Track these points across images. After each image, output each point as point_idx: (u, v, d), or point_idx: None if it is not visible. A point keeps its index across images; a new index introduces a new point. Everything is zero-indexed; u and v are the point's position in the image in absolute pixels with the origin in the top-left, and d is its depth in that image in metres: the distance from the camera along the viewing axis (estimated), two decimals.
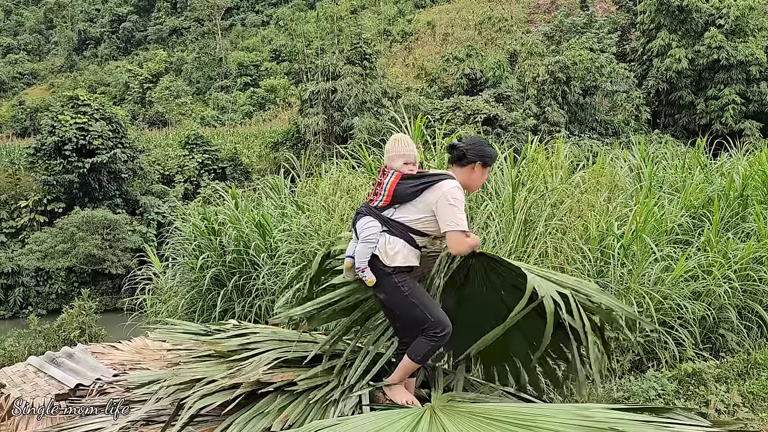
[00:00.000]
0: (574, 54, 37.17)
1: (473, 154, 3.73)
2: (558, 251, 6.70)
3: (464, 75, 39.92)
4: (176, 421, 3.52)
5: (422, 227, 3.67)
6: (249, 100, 51.65)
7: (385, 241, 3.64)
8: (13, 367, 5.00)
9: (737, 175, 9.85)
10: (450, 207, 3.55)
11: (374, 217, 3.71)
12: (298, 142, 36.13)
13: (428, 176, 3.68)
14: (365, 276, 3.65)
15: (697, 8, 36.78)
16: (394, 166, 3.75)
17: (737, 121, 35.82)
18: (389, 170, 3.75)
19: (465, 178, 3.75)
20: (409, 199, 3.65)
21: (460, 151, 3.74)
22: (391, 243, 3.64)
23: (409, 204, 3.66)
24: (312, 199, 8.66)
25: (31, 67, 70.11)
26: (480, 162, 3.74)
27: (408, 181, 3.67)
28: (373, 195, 3.78)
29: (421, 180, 3.66)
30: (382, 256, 3.63)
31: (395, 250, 3.63)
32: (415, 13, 58.16)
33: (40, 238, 29.14)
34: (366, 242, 3.66)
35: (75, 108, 30.99)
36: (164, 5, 73.70)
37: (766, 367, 6.98)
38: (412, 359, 3.64)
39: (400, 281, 3.61)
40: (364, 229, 3.70)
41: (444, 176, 3.67)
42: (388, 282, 3.63)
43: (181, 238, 9.85)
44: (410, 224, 3.66)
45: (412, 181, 3.67)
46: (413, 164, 3.78)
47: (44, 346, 11.73)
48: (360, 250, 3.68)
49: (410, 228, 3.66)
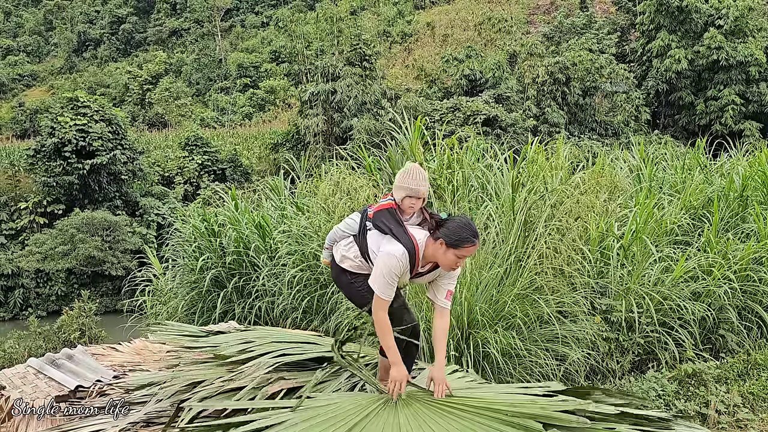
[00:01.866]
0: (573, 55, 37.18)
1: (444, 231, 3.51)
2: (558, 252, 6.70)
3: (464, 76, 39.91)
4: (176, 422, 3.52)
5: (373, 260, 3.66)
6: (249, 102, 51.67)
7: (347, 243, 3.81)
8: (13, 369, 4.99)
9: (737, 175, 9.85)
10: (378, 270, 3.53)
11: (362, 219, 3.80)
12: (297, 143, 36.15)
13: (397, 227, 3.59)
14: (324, 254, 3.96)
15: (697, 9, 36.78)
16: (396, 196, 3.70)
17: (737, 122, 35.81)
18: (390, 194, 3.76)
19: (433, 251, 3.57)
20: (379, 230, 3.68)
21: (435, 223, 3.60)
22: (346, 246, 3.81)
23: (379, 235, 3.67)
24: (312, 200, 8.66)
25: (31, 68, 70.18)
26: (444, 240, 3.50)
27: (387, 216, 3.63)
28: (374, 202, 3.96)
29: (391, 226, 3.60)
30: (335, 252, 3.86)
31: (346, 254, 3.79)
32: (415, 14, 58.18)
33: (40, 239, 29.14)
34: (336, 229, 3.89)
35: (75, 109, 31.00)
36: (164, 7, 73.74)
37: (766, 367, 6.98)
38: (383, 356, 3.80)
39: (352, 278, 3.79)
40: (348, 218, 3.90)
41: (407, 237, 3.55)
42: (343, 278, 3.83)
43: (181, 240, 9.84)
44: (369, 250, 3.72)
45: (387, 220, 3.62)
46: (417, 199, 3.67)
47: (44, 348, 11.74)
48: (330, 234, 3.93)
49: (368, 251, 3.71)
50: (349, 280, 3.79)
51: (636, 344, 7.06)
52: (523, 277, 6.60)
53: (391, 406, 3.38)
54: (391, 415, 3.29)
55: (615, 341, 6.96)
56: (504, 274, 6.74)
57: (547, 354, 6.35)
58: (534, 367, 6.29)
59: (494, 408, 3.24)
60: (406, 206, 3.66)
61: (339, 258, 3.81)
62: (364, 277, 3.70)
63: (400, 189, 3.67)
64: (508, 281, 6.66)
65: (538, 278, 6.59)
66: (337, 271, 3.86)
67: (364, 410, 3.31)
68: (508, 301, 6.38)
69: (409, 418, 3.26)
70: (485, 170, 8.90)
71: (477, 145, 10.13)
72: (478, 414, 3.22)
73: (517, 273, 6.72)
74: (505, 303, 6.38)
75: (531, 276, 6.60)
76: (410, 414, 3.30)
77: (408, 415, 3.29)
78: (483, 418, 3.18)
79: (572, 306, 6.67)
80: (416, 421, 3.23)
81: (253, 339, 4.39)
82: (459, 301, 6.16)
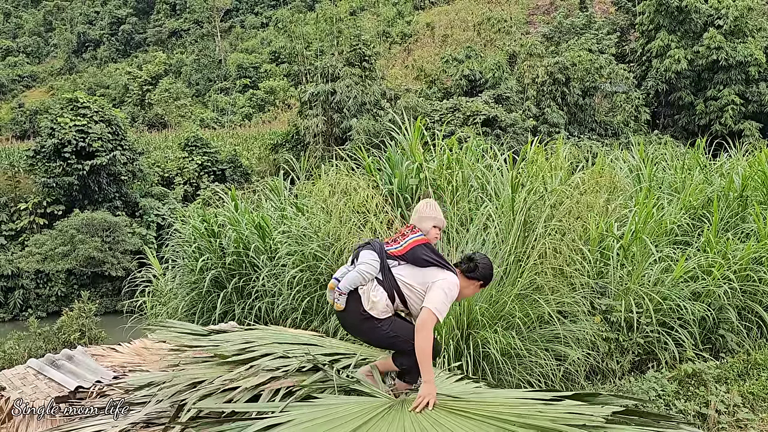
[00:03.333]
0: (573, 55, 37.16)
1: (482, 274, 3.90)
2: (557, 252, 6.70)
3: (463, 76, 39.90)
4: (176, 422, 3.52)
5: (408, 295, 3.80)
6: (248, 102, 51.64)
7: (371, 288, 3.78)
8: (13, 370, 4.99)
9: (737, 175, 9.86)
10: (442, 293, 3.71)
11: (380, 258, 3.81)
12: (297, 143, 36.13)
13: (445, 260, 3.86)
14: (338, 300, 3.79)
15: (696, 9, 36.78)
16: (423, 226, 3.95)
17: (736, 122, 35.80)
18: (417, 230, 3.92)
19: (463, 287, 3.89)
20: (417, 264, 3.81)
21: (474, 265, 3.90)
22: (374, 291, 3.78)
23: (415, 269, 3.81)
24: (311, 200, 8.65)
25: (31, 69, 70.16)
26: (482, 282, 3.95)
27: (427, 250, 3.84)
28: (392, 241, 3.93)
29: (438, 257, 3.83)
30: (363, 300, 3.77)
31: (376, 301, 3.76)
32: (414, 15, 58.17)
33: (40, 240, 29.13)
34: (359, 273, 3.77)
35: (74, 110, 30.98)
36: (163, 7, 73.71)
37: (766, 367, 6.99)
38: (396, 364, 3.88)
39: (378, 323, 3.79)
40: (365, 261, 3.80)
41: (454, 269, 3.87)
42: (367, 325, 3.80)
43: (180, 240, 9.84)
44: (402, 285, 3.79)
45: (431, 252, 3.84)
46: (440, 229, 4.03)
47: (44, 349, 11.74)
48: (351, 277, 3.78)
49: (399, 288, 3.79)
50: (375, 325, 3.79)
51: (636, 344, 7.06)
52: (522, 277, 6.61)
53: (396, 409, 3.37)
54: (396, 418, 3.28)
55: (615, 341, 6.96)
56: (504, 273, 6.75)
57: (547, 354, 6.35)
58: (534, 367, 6.29)
59: (500, 417, 3.22)
60: (433, 236, 3.96)
61: (368, 306, 3.77)
62: (389, 320, 3.78)
63: (428, 219, 3.98)
64: (508, 281, 6.66)
65: (538, 278, 6.59)
66: (359, 319, 3.81)
67: (369, 413, 3.30)
68: (508, 301, 6.38)
69: (413, 421, 3.25)
70: (485, 170, 8.90)
71: (477, 146, 10.13)
72: (483, 422, 3.21)
73: (516, 273, 6.72)
74: (505, 303, 6.38)
75: (531, 276, 6.60)
76: (414, 418, 3.29)
77: (413, 418, 3.28)
78: (489, 426, 3.17)
79: (572, 306, 6.67)
80: (420, 424, 3.22)
81: (254, 339, 4.38)
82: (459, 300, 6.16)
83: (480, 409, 3.36)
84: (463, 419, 3.27)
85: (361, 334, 3.91)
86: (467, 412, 3.33)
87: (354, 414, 3.29)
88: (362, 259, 3.81)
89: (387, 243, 3.90)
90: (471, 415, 3.29)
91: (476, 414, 3.30)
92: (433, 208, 4.05)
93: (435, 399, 3.49)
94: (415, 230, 3.91)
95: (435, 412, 3.36)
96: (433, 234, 3.96)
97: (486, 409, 3.36)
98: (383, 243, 3.91)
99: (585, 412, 3.22)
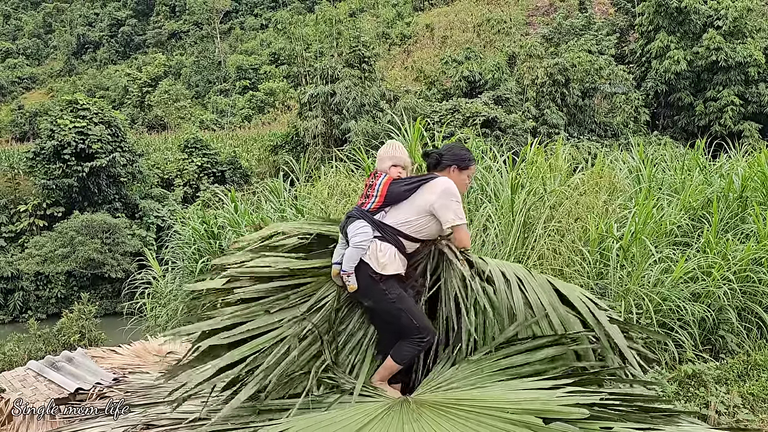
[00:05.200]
0: (572, 56, 37.20)
1: (447, 158, 3.76)
2: (557, 253, 6.70)
3: (463, 77, 39.94)
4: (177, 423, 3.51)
5: (415, 230, 3.64)
6: (248, 104, 51.71)
7: (377, 248, 3.59)
8: (13, 372, 4.99)
9: (736, 176, 9.86)
10: (451, 203, 3.59)
11: (367, 221, 3.65)
12: (297, 145, 36.16)
13: (421, 176, 3.71)
14: (349, 281, 3.60)
15: (696, 10, 36.83)
16: (382, 167, 3.79)
17: (736, 123, 35.84)
18: (380, 173, 3.76)
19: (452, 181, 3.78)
20: (403, 197, 3.65)
21: (434, 157, 3.79)
22: (382, 250, 3.59)
23: (404, 204, 3.65)
24: (311, 202, 8.66)
25: (30, 71, 70.23)
26: (455, 165, 3.76)
27: (401, 181, 3.71)
28: (364, 198, 3.74)
29: (415, 179, 3.70)
30: (372, 263, 3.57)
31: (387, 259, 3.58)
32: (414, 16, 58.24)
33: (40, 242, 29.14)
34: (357, 248, 3.59)
35: (74, 112, 31.02)
36: (163, 9, 73.81)
37: (766, 368, 6.98)
38: (395, 361, 3.61)
39: (387, 288, 3.57)
40: (356, 233, 3.62)
41: (436, 175, 3.70)
42: (376, 289, 3.58)
43: (180, 242, 9.84)
44: (402, 228, 3.63)
45: (405, 180, 3.71)
46: (402, 168, 3.80)
47: (44, 351, 11.74)
48: (349, 254, 3.60)
49: (401, 232, 3.63)
50: (383, 290, 3.57)
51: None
52: None
53: (396, 410, 3.37)
54: (395, 419, 3.27)
55: None
56: None
57: None
58: None
59: (499, 407, 3.22)
60: (395, 175, 3.76)
61: (380, 267, 3.57)
62: (400, 294, 3.58)
63: (386, 159, 3.80)
64: None
65: None
66: (371, 281, 3.59)
67: (369, 415, 3.28)
68: None
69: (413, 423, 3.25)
70: (484, 172, 8.90)
71: (476, 147, 10.13)
72: (482, 414, 3.20)
73: None
74: None
75: None
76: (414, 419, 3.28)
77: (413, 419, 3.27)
78: (488, 418, 3.17)
79: None
80: (420, 424, 3.22)
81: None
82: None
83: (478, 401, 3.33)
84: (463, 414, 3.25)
85: (369, 298, 3.64)
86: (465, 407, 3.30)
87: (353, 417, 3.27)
88: (351, 232, 3.64)
89: (362, 204, 3.73)
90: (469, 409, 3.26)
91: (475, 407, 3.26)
92: (391, 147, 3.87)
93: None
94: (378, 175, 3.75)
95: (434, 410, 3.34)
96: (395, 173, 3.75)
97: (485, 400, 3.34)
98: (359, 206, 3.74)
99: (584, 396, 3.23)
